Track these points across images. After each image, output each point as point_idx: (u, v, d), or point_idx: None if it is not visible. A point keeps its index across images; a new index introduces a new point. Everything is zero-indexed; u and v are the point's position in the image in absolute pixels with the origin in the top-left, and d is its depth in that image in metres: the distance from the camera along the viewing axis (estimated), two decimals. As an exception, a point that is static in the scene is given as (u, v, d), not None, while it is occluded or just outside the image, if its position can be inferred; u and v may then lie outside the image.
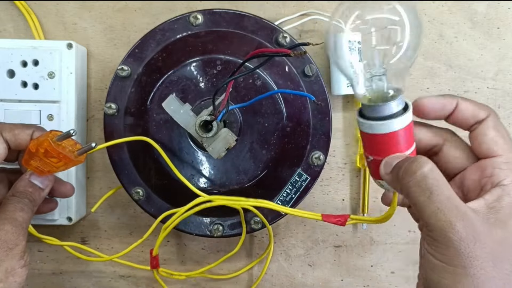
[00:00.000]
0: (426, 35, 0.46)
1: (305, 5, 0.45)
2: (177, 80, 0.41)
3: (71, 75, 0.43)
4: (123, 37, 0.46)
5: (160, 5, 0.46)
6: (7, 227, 0.33)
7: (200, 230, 0.43)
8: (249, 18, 0.42)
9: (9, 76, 0.43)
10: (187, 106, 0.37)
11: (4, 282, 0.32)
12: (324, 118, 0.42)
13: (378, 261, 0.48)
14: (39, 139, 0.35)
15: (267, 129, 0.41)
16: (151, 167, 0.42)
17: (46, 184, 0.37)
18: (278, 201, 0.42)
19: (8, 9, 0.46)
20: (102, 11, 0.46)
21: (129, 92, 0.42)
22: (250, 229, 0.43)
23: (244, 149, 0.41)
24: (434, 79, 0.46)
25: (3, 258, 0.32)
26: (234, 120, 0.41)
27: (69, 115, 0.43)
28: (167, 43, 0.41)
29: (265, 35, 0.42)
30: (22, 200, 0.35)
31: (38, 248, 0.48)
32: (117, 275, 0.49)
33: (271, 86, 0.41)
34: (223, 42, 0.41)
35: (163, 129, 0.41)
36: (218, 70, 0.41)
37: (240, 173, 0.42)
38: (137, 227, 0.48)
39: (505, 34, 0.46)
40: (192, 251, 0.48)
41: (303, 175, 0.42)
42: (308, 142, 0.42)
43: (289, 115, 0.41)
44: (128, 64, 0.41)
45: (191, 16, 0.41)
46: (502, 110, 0.46)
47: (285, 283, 0.49)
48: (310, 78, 0.42)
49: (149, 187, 0.42)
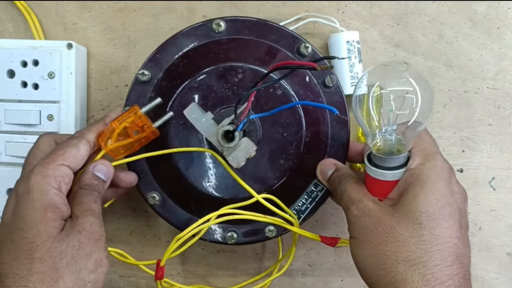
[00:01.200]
0: (426, 35, 0.46)
1: (305, 5, 0.45)
2: (198, 87, 0.41)
3: (71, 75, 0.43)
4: (123, 37, 0.46)
5: (160, 5, 0.46)
6: (91, 219, 0.34)
7: (214, 236, 0.42)
8: (271, 26, 0.41)
9: (9, 76, 0.43)
10: (209, 115, 0.36)
11: (95, 273, 0.33)
12: (343, 129, 0.42)
13: (378, 261, 0.48)
14: (122, 116, 0.37)
15: (286, 139, 0.41)
16: (168, 172, 0.42)
17: (108, 177, 0.38)
18: (293, 210, 0.41)
19: (8, 9, 0.46)
20: (102, 11, 0.46)
21: (148, 97, 0.41)
22: (264, 237, 0.42)
23: (262, 158, 0.41)
24: (434, 79, 0.46)
25: (93, 249, 0.33)
26: (253, 129, 0.41)
27: (69, 115, 0.43)
28: (189, 49, 0.41)
29: (286, 44, 0.41)
30: (93, 192, 0.36)
31: (38, 248, 0.48)
32: (117, 275, 0.49)
33: (291, 96, 0.41)
34: (245, 50, 0.41)
35: (181, 135, 0.41)
36: (239, 78, 0.41)
37: (257, 182, 0.41)
38: (137, 227, 0.48)
39: (505, 34, 0.46)
40: (192, 251, 0.48)
41: (319, 185, 0.42)
42: (325, 153, 0.42)
43: (308, 125, 0.41)
44: (149, 68, 0.41)
45: (213, 23, 0.41)
46: (502, 110, 0.46)
47: (285, 283, 0.49)
48: (330, 89, 0.42)
49: (164, 192, 0.42)
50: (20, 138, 0.43)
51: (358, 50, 0.43)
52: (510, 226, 0.47)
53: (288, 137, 0.41)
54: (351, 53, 0.43)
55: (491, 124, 0.46)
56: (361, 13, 0.46)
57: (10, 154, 0.43)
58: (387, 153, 0.35)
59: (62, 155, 0.35)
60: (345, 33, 0.43)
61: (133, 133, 0.38)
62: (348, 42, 0.43)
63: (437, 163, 0.34)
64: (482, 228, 0.47)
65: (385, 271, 0.32)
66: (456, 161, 0.47)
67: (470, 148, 0.47)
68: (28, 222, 0.32)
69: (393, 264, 0.32)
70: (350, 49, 0.43)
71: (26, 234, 0.32)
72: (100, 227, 0.34)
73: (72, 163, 0.35)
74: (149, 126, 0.38)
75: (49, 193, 0.33)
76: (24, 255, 0.31)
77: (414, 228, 0.32)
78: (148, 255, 0.48)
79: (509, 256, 0.47)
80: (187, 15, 0.46)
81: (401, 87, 0.35)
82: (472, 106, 0.46)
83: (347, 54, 0.43)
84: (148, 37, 0.46)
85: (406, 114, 0.34)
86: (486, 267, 0.47)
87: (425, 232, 0.32)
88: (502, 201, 0.47)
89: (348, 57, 0.43)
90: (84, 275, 0.32)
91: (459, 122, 0.46)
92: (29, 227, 0.32)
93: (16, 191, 0.34)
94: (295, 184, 0.42)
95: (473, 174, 0.47)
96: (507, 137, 0.47)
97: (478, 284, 0.47)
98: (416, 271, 0.31)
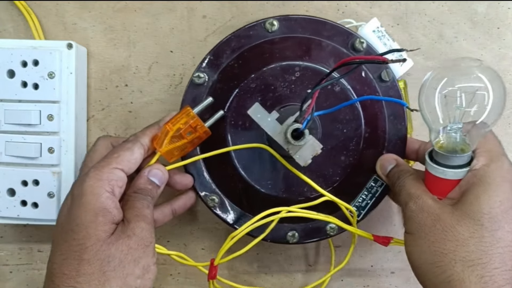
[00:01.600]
0: (426, 35, 0.46)
1: (305, 5, 0.46)
2: (255, 87, 0.41)
3: (71, 75, 0.43)
4: (123, 37, 0.46)
5: (160, 5, 0.46)
6: (142, 224, 0.34)
7: (275, 236, 0.42)
8: (324, 23, 0.41)
9: (9, 76, 0.43)
10: (274, 114, 0.36)
11: (142, 279, 0.33)
12: (400, 123, 0.42)
13: (378, 261, 0.48)
14: (176, 118, 0.38)
15: (346, 135, 0.41)
16: (226, 173, 0.42)
17: (162, 182, 0.38)
18: (353, 206, 0.41)
19: (8, 9, 0.46)
20: (102, 11, 0.46)
21: (204, 99, 0.41)
22: (326, 235, 0.42)
23: (323, 155, 0.40)
24: (434, 79, 0.46)
25: (141, 255, 0.33)
26: (314, 127, 0.40)
27: (69, 115, 0.43)
28: (243, 50, 0.41)
29: (341, 41, 0.41)
30: (146, 197, 0.36)
31: (38, 248, 0.48)
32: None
33: (349, 91, 0.41)
34: (300, 48, 0.41)
35: (240, 136, 0.41)
36: (297, 76, 0.41)
37: (319, 180, 0.41)
38: (137, 227, 0.48)
39: (505, 34, 0.46)
40: (192, 251, 0.48)
41: (378, 181, 0.42)
42: (384, 148, 0.42)
43: (367, 121, 0.41)
44: (204, 71, 0.41)
45: (266, 22, 0.41)
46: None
47: (285, 283, 0.49)
48: (386, 83, 0.42)
49: (222, 193, 0.42)
50: (20, 138, 0.43)
51: (386, 32, 0.43)
52: (510, 226, 0.47)
53: (348, 133, 0.41)
54: (382, 39, 0.43)
55: (491, 124, 0.46)
56: (361, 13, 0.46)
57: (10, 154, 0.43)
58: (450, 151, 0.34)
59: (116, 159, 0.35)
60: (367, 25, 0.43)
61: (186, 134, 0.38)
62: (374, 31, 0.43)
63: (503, 165, 0.33)
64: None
65: (441, 269, 0.32)
66: (456, 161, 0.47)
67: (470, 148, 0.47)
68: (79, 224, 0.32)
69: (450, 263, 0.31)
70: (379, 36, 0.43)
71: (76, 235, 0.32)
72: (150, 233, 0.34)
73: (126, 166, 0.35)
74: (202, 126, 0.39)
75: (101, 196, 0.33)
76: (73, 256, 0.32)
77: (475, 229, 0.32)
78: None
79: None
80: (187, 15, 0.46)
81: (472, 83, 0.33)
82: (472, 106, 0.46)
83: (378, 42, 0.42)
84: (148, 37, 0.46)
85: (474, 113, 0.33)
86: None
87: (486, 233, 0.31)
88: (502, 201, 0.47)
89: (403, 53, 0.41)
90: (131, 281, 0.32)
91: (459, 122, 0.46)
92: (80, 229, 0.32)
93: (72, 193, 0.35)
94: (355, 180, 0.42)
95: (473, 174, 0.47)
96: (507, 137, 0.47)
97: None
98: (474, 272, 0.31)
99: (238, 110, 0.41)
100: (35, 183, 0.44)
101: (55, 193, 0.43)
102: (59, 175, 0.43)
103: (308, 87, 0.41)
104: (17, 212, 0.44)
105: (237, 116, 0.41)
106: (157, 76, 0.47)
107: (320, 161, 0.41)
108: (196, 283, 0.49)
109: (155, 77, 0.47)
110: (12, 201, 0.44)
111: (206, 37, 0.46)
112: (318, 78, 0.38)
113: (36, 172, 0.43)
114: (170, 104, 0.46)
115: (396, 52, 0.34)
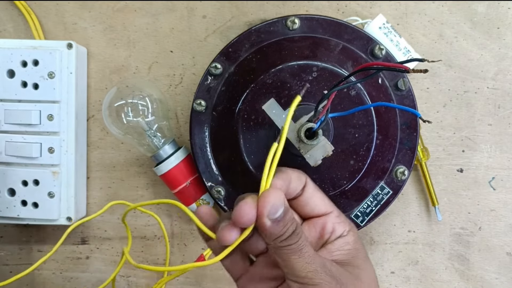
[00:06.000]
0: (426, 35, 0.46)
1: (305, 5, 0.46)
2: (271, 83, 0.41)
3: (71, 75, 0.43)
4: (123, 37, 0.46)
5: (160, 5, 0.46)
6: None
7: None
8: (346, 26, 0.41)
9: (9, 76, 0.43)
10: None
11: None
12: (412, 133, 0.42)
13: (378, 261, 0.48)
14: None
15: (357, 140, 0.41)
16: (234, 166, 0.42)
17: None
18: (358, 212, 0.41)
19: (8, 9, 0.46)
20: (102, 11, 0.46)
21: (219, 90, 0.41)
22: None
23: (333, 158, 0.40)
24: (434, 79, 0.46)
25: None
26: (326, 129, 0.40)
27: (69, 115, 0.43)
28: (262, 45, 0.41)
29: (360, 45, 0.41)
30: None
31: (38, 248, 0.48)
32: (117, 275, 0.49)
33: (365, 97, 0.41)
34: (319, 49, 0.41)
35: (252, 131, 0.41)
36: (314, 76, 0.40)
37: (326, 182, 0.41)
38: (137, 226, 0.48)
39: (505, 34, 0.46)
40: (192, 251, 0.48)
41: (385, 189, 0.42)
42: (393, 156, 0.42)
43: (379, 127, 0.41)
44: (221, 62, 0.41)
45: (288, 20, 0.41)
46: (502, 110, 0.46)
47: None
48: (402, 92, 0.41)
49: (229, 185, 0.43)
50: (20, 138, 0.43)
51: (392, 28, 0.43)
52: (510, 226, 0.47)
53: (360, 138, 0.41)
54: (388, 35, 0.42)
55: (491, 124, 0.46)
56: (361, 13, 0.46)
57: (10, 154, 0.43)
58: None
59: None
60: (373, 22, 0.43)
61: None
62: (381, 28, 0.43)
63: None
64: (482, 228, 0.47)
65: None
66: (456, 161, 0.47)
67: (470, 148, 0.47)
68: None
69: None
70: (386, 33, 0.43)
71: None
72: None
73: None
74: None
75: None
76: None
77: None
78: (148, 255, 0.48)
79: (509, 256, 0.47)
80: (187, 15, 0.46)
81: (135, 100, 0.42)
82: (472, 106, 0.46)
83: (385, 38, 0.42)
84: (148, 37, 0.46)
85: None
86: (486, 267, 0.47)
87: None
88: (502, 201, 0.47)
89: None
90: None
91: (459, 122, 0.46)
92: None
93: None
94: (363, 185, 0.42)
95: (473, 174, 0.47)
96: (507, 137, 0.47)
97: (478, 284, 0.47)
98: None
99: (252, 105, 0.40)
100: (35, 183, 0.44)
101: (55, 193, 0.43)
102: (59, 175, 0.43)
103: (324, 88, 0.40)
104: (17, 212, 0.44)
105: (251, 110, 0.41)
106: (157, 76, 0.47)
107: (329, 164, 0.41)
108: (196, 283, 0.49)
109: (155, 77, 0.47)
110: (12, 201, 0.44)
111: (206, 37, 0.46)
112: (334, 80, 0.38)
113: (36, 172, 0.43)
114: (170, 104, 0.46)
115: (417, 61, 0.33)
